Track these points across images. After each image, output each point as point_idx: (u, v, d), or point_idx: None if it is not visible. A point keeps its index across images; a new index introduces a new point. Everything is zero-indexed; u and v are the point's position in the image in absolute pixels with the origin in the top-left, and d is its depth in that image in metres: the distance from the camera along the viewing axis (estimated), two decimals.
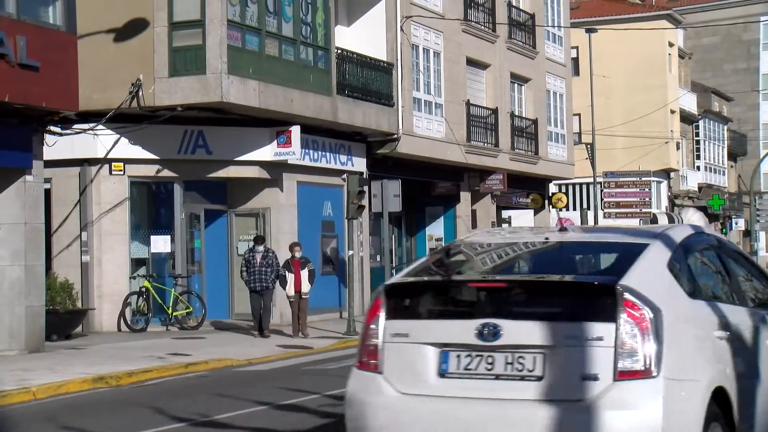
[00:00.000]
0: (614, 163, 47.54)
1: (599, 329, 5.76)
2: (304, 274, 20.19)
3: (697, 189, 60.21)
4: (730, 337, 6.46)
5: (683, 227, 7.12)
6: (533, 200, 38.64)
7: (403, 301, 6.39)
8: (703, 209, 59.69)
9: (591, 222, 41.41)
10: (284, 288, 20.30)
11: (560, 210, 45.70)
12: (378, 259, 28.78)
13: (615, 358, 5.72)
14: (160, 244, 22.81)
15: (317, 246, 25.40)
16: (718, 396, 6.07)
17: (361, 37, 26.76)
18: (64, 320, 19.99)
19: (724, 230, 65.60)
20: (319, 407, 11.71)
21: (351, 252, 22.47)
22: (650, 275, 6.12)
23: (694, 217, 58.64)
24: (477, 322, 6.00)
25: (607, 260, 6.84)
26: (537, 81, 36.56)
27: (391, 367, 6.23)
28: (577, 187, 51.63)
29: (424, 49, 28.99)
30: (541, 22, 36.81)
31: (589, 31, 41.62)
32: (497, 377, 5.95)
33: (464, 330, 6.03)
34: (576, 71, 46.25)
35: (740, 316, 6.76)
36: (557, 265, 6.79)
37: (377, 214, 24.10)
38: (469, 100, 31.41)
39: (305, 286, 20.20)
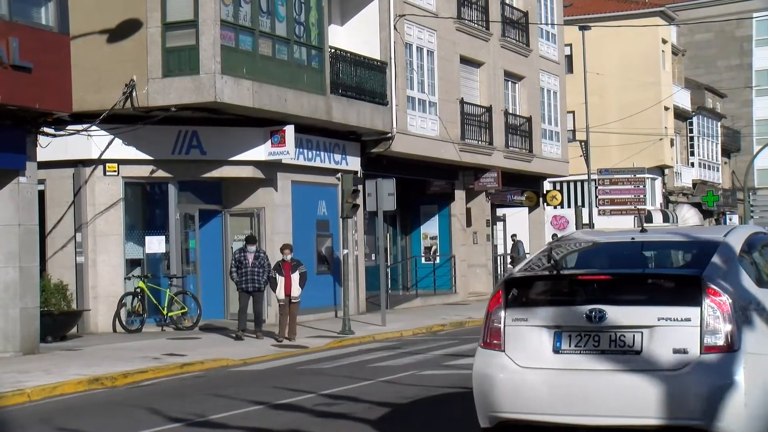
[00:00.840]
0: (608, 161, 47.57)
1: (687, 312, 7.01)
2: (295, 277, 19.59)
3: (691, 185, 60.30)
4: None
5: (746, 227, 8.37)
6: (528, 198, 38.68)
7: (521, 292, 7.65)
8: (697, 206, 59.74)
9: (585, 219, 41.41)
10: (274, 291, 19.89)
11: (555, 207, 45.79)
12: (373, 258, 28.80)
13: (701, 335, 6.95)
14: (155, 244, 22.79)
15: (312, 245, 25.40)
16: None
17: (355, 36, 26.77)
18: (58, 322, 19.96)
19: None
20: (314, 406, 11.72)
21: (346, 251, 22.47)
22: (725, 267, 7.37)
23: (688, 214, 58.69)
24: (586, 308, 7.27)
25: (685, 256, 8.27)
26: (531, 79, 36.59)
27: (512, 345, 7.50)
28: (572, 185, 51.65)
29: (417, 47, 29.00)
30: (535, 20, 36.85)
31: (582, 28, 41.65)
32: (603, 352, 7.19)
33: (575, 314, 7.32)
34: (570, 69, 46.28)
35: None
36: (646, 260, 8.37)
37: (372, 213, 24.10)
38: (463, 98, 31.43)
39: (296, 290, 19.62)
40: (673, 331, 7.02)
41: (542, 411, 7.32)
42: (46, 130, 18.51)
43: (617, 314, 7.21)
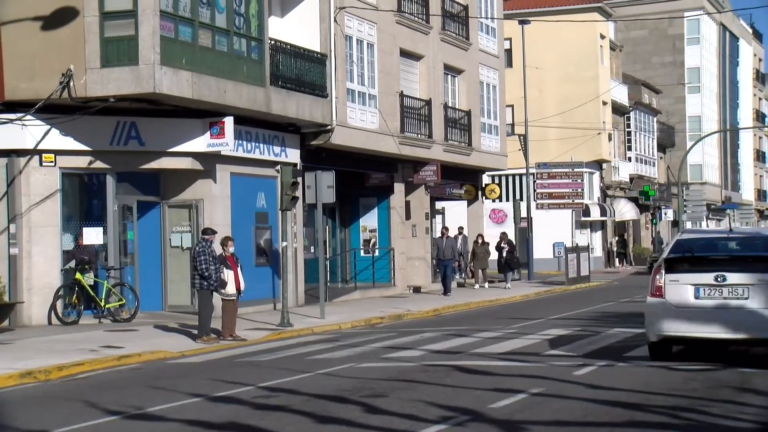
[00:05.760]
0: (547, 154, 48.01)
1: None
2: (239, 270, 18.84)
3: (628, 180, 61.07)
4: None
5: None
6: (467, 191, 38.91)
7: (674, 265, 13.87)
8: (634, 200, 60.56)
9: (524, 213, 41.75)
10: (223, 287, 18.58)
11: (493, 201, 46.09)
12: (312, 250, 28.80)
13: None
14: (93, 236, 22.58)
15: (251, 237, 25.33)
16: None
17: (295, 28, 26.71)
18: None
19: (654, 221, 66.68)
20: (252, 399, 11.73)
21: (285, 243, 22.44)
22: None
23: (625, 208, 59.52)
24: (713, 274, 13.51)
25: (764, 245, 14.34)
26: (470, 72, 36.80)
27: (669, 294, 13.78)
28: (510, 178, 52.08)
29: (357, 40, 29.03)
30: (475, 14, 37.06)
31: (522, 22, 41.98)
32: (725, 298, 13.49)
33: (707, 277, 13.54)
34: (509, 63, 46.61)
35: None
36: (738, 246, 14.45)
37: (311, 205, 24.10)
38: (402, 91, 31.53)
39: (243, 284, 18.92)
40: (767, 287, 13.26)
41: (688, 330, 13.67)
42: None
43: (733, 277, 13.40)
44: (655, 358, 14.08)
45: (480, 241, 35.76)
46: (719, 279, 13.36)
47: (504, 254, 36.09)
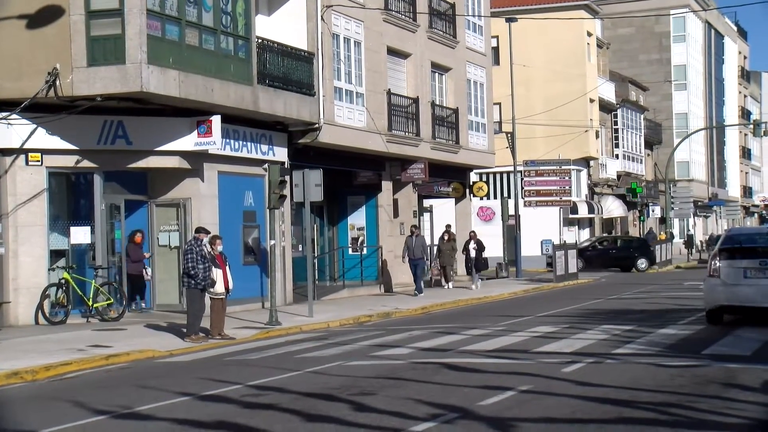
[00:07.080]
0: (534, 152, 48.10)
1: None
2: (227, 269, 18.80)
3: (615, 177, 61.19)
4: None
5: None
6: (454, 189, 38.94)
7: (727, 252, 18.29)
8: (621, 197, 60.70)
9: (512, 211, 41.83)
10: (212, 286, 18.52)
11: (481, 198, 46.13)
12: (300, 248, 28.78)
13: None
14: (80, 235, 22.53)
15: (239, 236, 25.32)
16: None
17: (282, 26, 26.69)
18: None
19: (642, 218, 66.91)
20: (241, 397, 11.73)
21: (273, 242, 22.41)
22: None
23: (613, 206, 59.66)
24: (759, 260, 18.01)
25: None
26: (458, 70, 36.84)
27: (723, 275, 18.15)
28: (498, 176, 52.15)
29: (344, 38, 29.02)
30: (462, 12, 37.09)
31: (509, 20, 42.03)
32: None
33: (754, 262, 18.00)
34: (496, 60, 46.66)
35: None
36: None
37: (299, 203, 24.08)
38: (390, 89, 31.53)
39: (232, 283, 18.91)
40: None
41: (739, 301, 17.94)
42: None
43: None
44: (710, 322, 18.53)
45: (446, 237, 33.39)
46: (763, 264, 17.77)
47: (472, 254, 33.83)
